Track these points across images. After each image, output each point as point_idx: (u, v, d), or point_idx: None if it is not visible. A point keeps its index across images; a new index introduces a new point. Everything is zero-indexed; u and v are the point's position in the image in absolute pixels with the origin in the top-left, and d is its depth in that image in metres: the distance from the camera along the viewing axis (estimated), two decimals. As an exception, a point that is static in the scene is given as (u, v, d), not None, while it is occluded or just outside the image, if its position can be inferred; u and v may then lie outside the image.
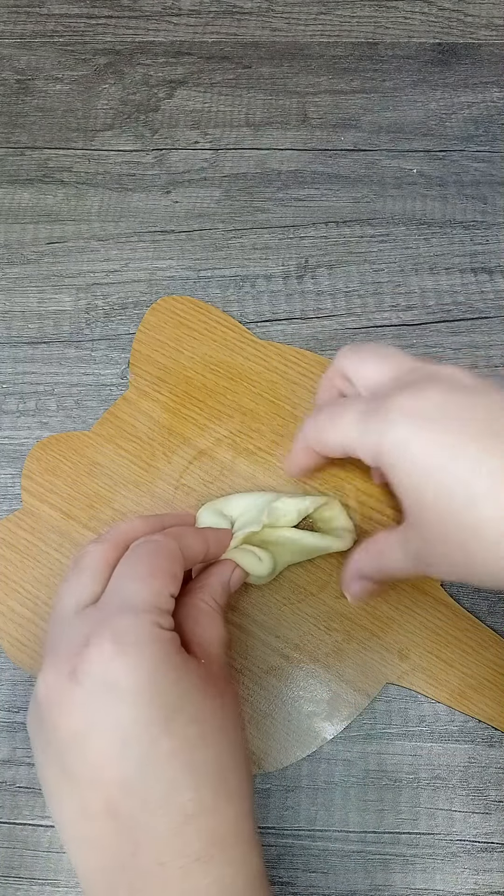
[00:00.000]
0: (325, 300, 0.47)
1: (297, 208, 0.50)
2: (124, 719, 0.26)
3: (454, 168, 0.50)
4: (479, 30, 0.54)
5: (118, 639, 0.27)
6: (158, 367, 0.45)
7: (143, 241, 0.49)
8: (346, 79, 0.53)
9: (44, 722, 0.28)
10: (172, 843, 0.26)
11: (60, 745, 0.27)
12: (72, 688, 0.27)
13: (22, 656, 0.40)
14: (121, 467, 0.43)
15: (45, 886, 0.37)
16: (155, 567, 0.30)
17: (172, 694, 0.27)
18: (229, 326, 0.46)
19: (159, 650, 0.27)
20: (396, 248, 0.48)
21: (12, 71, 0.54)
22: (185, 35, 0.55)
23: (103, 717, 0.26)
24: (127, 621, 0.27)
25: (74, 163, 0.51)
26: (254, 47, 0.54)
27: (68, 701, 0.27)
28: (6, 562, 0.41)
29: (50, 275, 0.48)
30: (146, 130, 0.52)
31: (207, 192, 0.50)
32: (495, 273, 0.47)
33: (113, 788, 0.26)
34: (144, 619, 0.28)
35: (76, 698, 0.27)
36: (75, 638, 0.28)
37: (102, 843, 0.26)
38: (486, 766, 0.38)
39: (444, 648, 0.39)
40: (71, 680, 0.27)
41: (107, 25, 0.55)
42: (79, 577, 0.31)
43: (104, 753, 0.26)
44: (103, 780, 0.26)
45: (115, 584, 0.30)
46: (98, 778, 0.26)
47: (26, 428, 0.45)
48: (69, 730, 0.27)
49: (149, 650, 0.27)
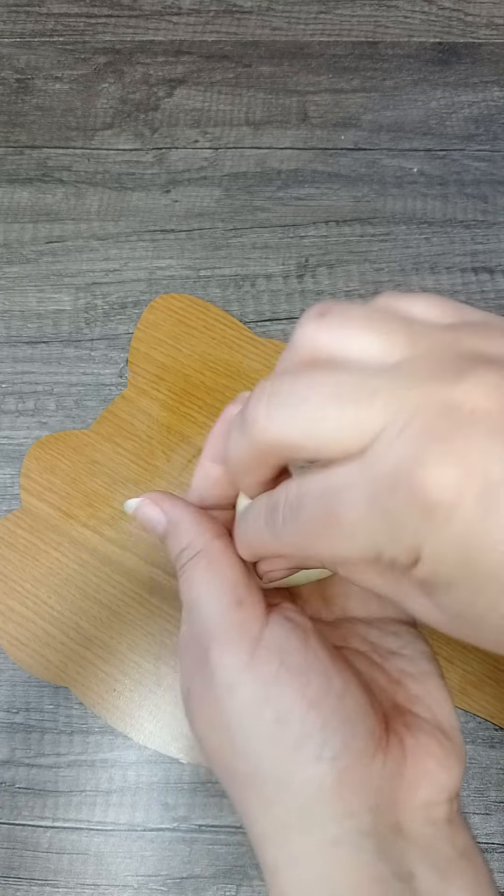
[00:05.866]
0: (326, 300, 0.47)
1: (298, 207, 0.49)
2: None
3: (455, 167, 0.50)
4: (480, 29, 0.54)
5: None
6: (157, 365, 0.45)
7: (142, 241, 0.49)
8: (346, 78, 0.53)
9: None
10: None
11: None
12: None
13: (22, 656, 0.40)
14: (120, 466, 0.42)
15: (45, 887, 0.37)
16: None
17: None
18: (228, 324, 0.45)
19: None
20: (397, 247, 0.48)
21: (12, 70, 0.54)
22: (185, 34, 0.55)
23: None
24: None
25: (74, 162, 0.51)
26: (254, 46, 0.54)
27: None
28: (5, 561, 0.41)
29: (49, 274, 0.48)
30: (146, 129, 0.52)
31: (207, 191, 0.50)
32: (496, 272, 0.47)
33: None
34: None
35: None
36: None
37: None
38: (487, 767, 0.38)
39: (445, 646, 0.39)
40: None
41: (106, 25, 0.55)
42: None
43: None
44: None
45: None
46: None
47: (25, 427, 0.44)
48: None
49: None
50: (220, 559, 0.25)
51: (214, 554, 0.25)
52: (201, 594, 0.25)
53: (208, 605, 0.24)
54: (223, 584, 0.25)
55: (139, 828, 0.38)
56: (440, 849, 0.23)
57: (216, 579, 0.25)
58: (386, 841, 0.22)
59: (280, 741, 0.22)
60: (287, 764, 0.22)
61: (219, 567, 0.25)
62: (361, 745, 0.22)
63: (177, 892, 0.37)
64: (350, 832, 0.22)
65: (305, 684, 0.23)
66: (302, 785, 0.22)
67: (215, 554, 0.25)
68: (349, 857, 0.22)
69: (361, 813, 0.22)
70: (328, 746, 0.22)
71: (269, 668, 0.23)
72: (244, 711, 0.23)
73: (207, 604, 0.24)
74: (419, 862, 0.22)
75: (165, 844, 0.38)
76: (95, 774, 0.39)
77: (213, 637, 0.24)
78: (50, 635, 0.40)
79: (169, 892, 0.37)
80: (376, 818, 0.22)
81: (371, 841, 0.22)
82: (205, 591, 0.25)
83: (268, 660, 0.23)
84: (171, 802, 0.38)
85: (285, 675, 0.23)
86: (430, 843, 0.23)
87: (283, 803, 0.23)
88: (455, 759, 0.24)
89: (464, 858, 0.23)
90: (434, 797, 0.23)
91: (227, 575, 0.25)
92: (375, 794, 0.22)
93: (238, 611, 0.24)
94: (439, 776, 0.23)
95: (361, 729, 0.23)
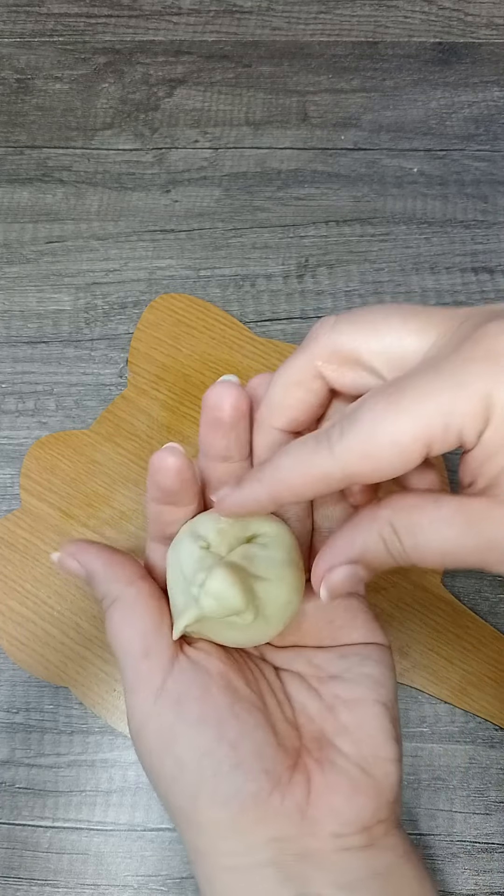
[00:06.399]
0: (326, 300, 0.47)
1: (298, 207, 0.49)
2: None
3: (455, 167, 0.50)
4: (480, 29, 0.54)
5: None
6: (157, 364, 0.45)
7: (142, 241, 0.49)
8: (346, 78, 0.53)
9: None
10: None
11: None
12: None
13: (21, 656, 0.40)
14: (119, 466, 0.42)
15: (45, 887, 0.37)
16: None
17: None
18: (227, 324, 0.45)
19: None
20: (397, 247, 0.48)
21: (12, 70, 0.54)
22: (185, 34, 0.55)
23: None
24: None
25: (74, 162, 0.51)
26: (254, 46, 0.54)
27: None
28: (5, 561, 0.41)
29: (49, 274, 0.48)
30: (146, 129, 0.52)
31: (207, 191, 0.50)
32: (496, 272, 0.47)
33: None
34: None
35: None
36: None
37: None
38: (487, 767, 0.38)
39: (445, 646, 0.39)
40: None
41: (106, 24, 0.55)
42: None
43: None
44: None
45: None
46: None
47: (25, 427, 0.44)
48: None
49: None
50: (132, 608, 0.26)
51: (127, 602, 0.26)
52: (116, 643, 0.26)
53: (121, 653, 0.26)
54: (133, 633, 0.26)
55: (139, 828, 0.38)
56: (352, 872, 0.24)
57: (127, 628, 0.26)
58: (289, 868, 0.24)
59: (180, 783, 0.24)
60: (189, 803, 0.24)
61: (131, 616, 0.26)
62: (254, 787, 0.24)
63: (177, 892, 0.37)
64: (250, 863, 0.24)
65: (199, 734, 0.24)
66: (204, 823, 0.24)
67: (128, 602, 0.26)
68: (252, 883, 0.24)
69: (260, 846, 0.24)
70: (220, 791, 0.24)
71: (166, 719, 0.24)
72: (151, 755, 0.25)
73: (121, 651, 0.26)
74: (327, 885, 0.23)
75: (165, 844, 0.38)
76: (95, 774, 0.39)
77: (126, 684, 0.26)
78: (50, 635, 0.40)
79: (169, 892, 0.37)
80: (277, 849, 0.24)
81: (271, 870, 0.24)
82: (119, 639, 0.26)
83: (167, 709, 0.25)
84: (171, 802, 0.38)
85: (180, 727, 0.24)
86: (340, 867, 0.24)
87: (193, 834, 0.25)
88: (368, 794, 0.25)
89: (382, 878, 0.24)
90: (341, 830, 0.24)
91: (136, 625, 0.26)
92: (274, 829, 0.24)
93: (144, 661, 0.25)
94: (344, 812, 0.24)
95: (254, 773, 0.24)
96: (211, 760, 0.24)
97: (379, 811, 0.25)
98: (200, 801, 0.24)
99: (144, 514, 0.33)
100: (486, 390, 0.19)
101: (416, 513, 0.22)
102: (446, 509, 0.21)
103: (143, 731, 0.25)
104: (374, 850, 0.24)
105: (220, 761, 0.24)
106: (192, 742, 0.24)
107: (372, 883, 0.24)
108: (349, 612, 0.28)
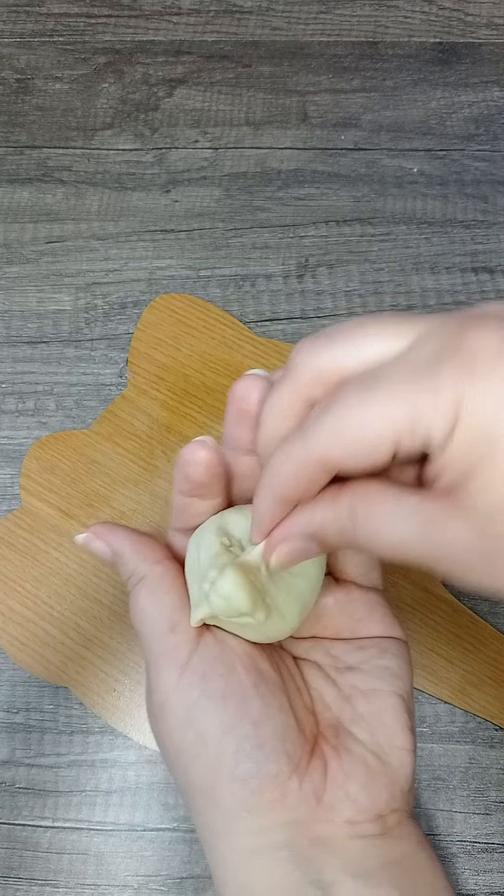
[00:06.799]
0: (326, 299, 0.47)
1: (298, 207, 0.49)
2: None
3: (455, 167, 0.50)
4: (480, 29, 0.54)
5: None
6: (157, 364, 0.45)
7: (142, 241, 0.49)
8: (346, 78, 0.53)
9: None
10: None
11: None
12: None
13: (22, 656, 0.40)
14: (120, 466, 0.42)
15: (45, 887, 0.37)
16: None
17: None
18: (227, 324, 0.45)
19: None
20: (397, 247, 0.48)
21: (12, 70, 0.54)
22: (185, 34, 0.55)
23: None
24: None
25: (74, 162, 0.51)
26: (254, 46, 0.54)
27: None
28: (5, 561, 0.41)
29: (49, 274, 0.48)
30: (146, 129, 0.52)
31: (207, 191, 0.50)
32: (496, 272, 0.47)
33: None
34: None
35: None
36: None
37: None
38: (487, 767, 0.38)
39: (445, 646, 0.39)
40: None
41: (106, 25, 0.55)
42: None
43: None
44: None
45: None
46: None
47: (25, 427, 0.44)
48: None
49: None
50: (159, 585, 0.27)
51: (154, 580, 0.27)
52: (143, 619, 0.27)
53: (148, 629, 0.26)
54: (160, 609, 0.26)
55: (139, 828, 0.38)
56: (367, 860, 0.24)
57: (154, 605, 0.26)
58: (303, 852, 0.24)
59: (202, 759, 0.24)
60: (210, 779, 0.24)
61: (157, 593, 0.27)
62: (275, 769, 0.24)
63: (177, 892, 0.37)
64: (265, 845, 0.24)
65: (222, 709, 0.24)
66: (222, 800, 0.24)
67: (155, 580, 0.27)
68: (267, 866, 0.24)
69: (275, 828, 0.24)
70: (240, 768, 0.24)
71: (192, 693, 0.25)
72: (173, 730, 0.25)
73: (147, 627, 0.26)
74: (341, 871, 0.23)
75: (165, 844, 0.38)
76: (95, 774, 0.39)
77: (150, 660, 0.26)
78: (50, 635, 0.40)
79: (169, 892, 0.37)
80: (293, 832, 0.24)
81: (286, 853, 0.24)
82: (146, 616, 0.26)
83: (192, 684, 0.25)
84: (171, 802, 0.38)
85: (204, 701, 0.24)
86: (354, 854, 0.24)
87: (210, 813, 0.25)
88: (383, 782, 0.25)
89: (396, 867, 0.24)
90: (356, 817, 0.24)
91: (164, 601, 0.26)
92: (291, 812, 0.24)
93: (171, 636, 0.26)
94: (360, 800, 0.24)
95: (276, 754, 0.24)
96: (233, 737, 0.24)
97: (393, 800, 0.25)
98: (221, 777, 0.24)
99: (168, 505, 0.31)
100: (458, 394, 0.19)
101: (377, 502, 0.22)
102: (406, 506, 0.21)
103: (166, 706, 0.25)
104: (388, 838, 0.25)
105: (243, 739, 0.24)
106: (215, 717, 0.24)
107: (386, 871, 0.24)
108: (368, 606, 0.28)
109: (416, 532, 0.21)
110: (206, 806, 0.25)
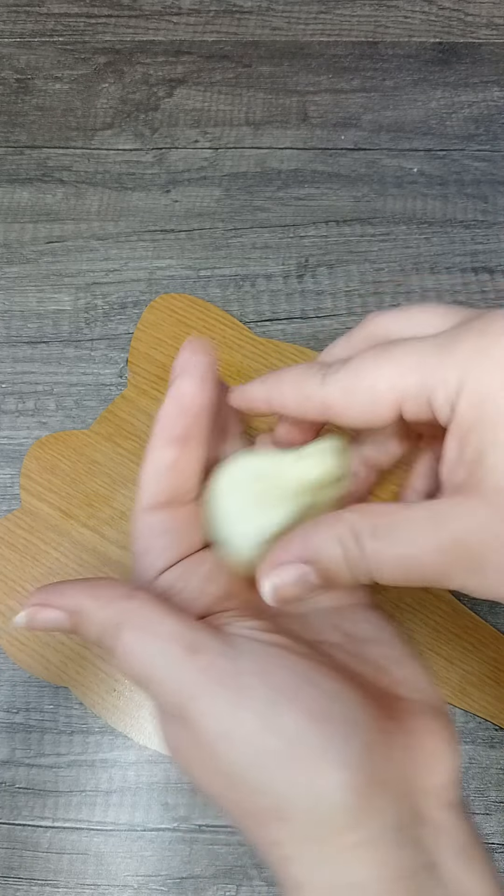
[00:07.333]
0: (326, 299, 0.47)
1: (298, 207, 0.49)
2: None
3: (455, 167, 0.50)
4: (480, 29, 0.54)
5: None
6: (157, 365, 0.45)
7: (142, 241, 0.49)
8: (346, 78, 0.53)
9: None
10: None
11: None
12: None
13: (22, 656, 0.40)
14: (120, 466, 0.42)
15: (45, 887, 0.37)
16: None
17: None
18: (227, 324, 0.45)
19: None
20: (397, 247, 0.48)
21: (12, 70, 0.54)
22: (185, 34, 0.55)
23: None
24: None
25: (74, 162, 0.51)
26: (254, 46, 0.54)
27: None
28: (5, 561, 0.41)
29: (49, 274, 0.48)
30: (146, 129, 0.52)
31: (207, 191, 0.50)
32: (496, 272, 0.47)
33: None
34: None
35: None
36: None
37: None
38: (487, 767, 0.38)
39: (445, 646, 0.39)
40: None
41: (106, 24, 0.55)
42: None
43: None
44: None
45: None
46: None
47: (25, 427, 0.44)
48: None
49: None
50: (146, 620, 0.22)
51: (136, 616, 0.22)
52: (143, 663, 0.22)
53: (161, 671, 0.22)
54: (163, 639, 0.22)
55: (139, 828, 0.38)
56: (457, 834, 0.22)
57: (153, 640, 0.22)
58: (410, 831, 0.21)
59: (292, 763, 0.21)
60: (304, 782, 0.21)
61: (149, 625, 0.22)
62: (367, 739, 0.21)
63: (177, 892, 0.37)
64: (375, 829, 0.21)
65: (298, 701, 0.21)
66: (323, 796, 0.21)
67: (137, 615, 0.22)
68: (374, 856, 0.21)
69: (384, 808, 0.21)
70: (336, 752, 0.21)
71: (258, 699, 0.21)
72: (248, 749, 0.21)
73: (154, 670, 0.22)
74: (442, 849, 0.21)
75: (165, 844, 0.38)
76: (95, 774, 0.39)
77: (183, 698, 0.22)
78: (50, 635, 0.40)
79: (169, 892, 0.37)
80: (399, 809, 0.21)
81: (395, 834, 0.21)
82: (146, 657, 0.22)
83: (254, 690, 0.21)
84: (171, 802, 0.38)
85: (277, 698, 0.21)
86: (447, 828, 0.22)
87: (304, 819, 0.21)
88: (452, 733, 0.23)
89: (477, 843, 0.22)
90: (446, 778, 0.22)
91: (162, 632, 0.22)
92: (394, 786, 0.21)
93: (194, 658, 0.22)
94: (447, 753, 0.22)
95: (364, 725, 0.22)
96: (319, 725, 0.21)
97: (457, 756, 0.23)
98: (316, 772, 0.21)
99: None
100: (465, 365, 0.21)
101: (384, 516, 0.22)
102: (415, 511, 0.22)
103: (232, 730, 0.21)
104: (461, 811, 0.23)
105: (327, 721, 0.21)
106: (294, 711, 0.21)
107: (477, 849, 0.22)
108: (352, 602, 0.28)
109: (429, 535, 0.20)
110: (299, 815, 0.21)
